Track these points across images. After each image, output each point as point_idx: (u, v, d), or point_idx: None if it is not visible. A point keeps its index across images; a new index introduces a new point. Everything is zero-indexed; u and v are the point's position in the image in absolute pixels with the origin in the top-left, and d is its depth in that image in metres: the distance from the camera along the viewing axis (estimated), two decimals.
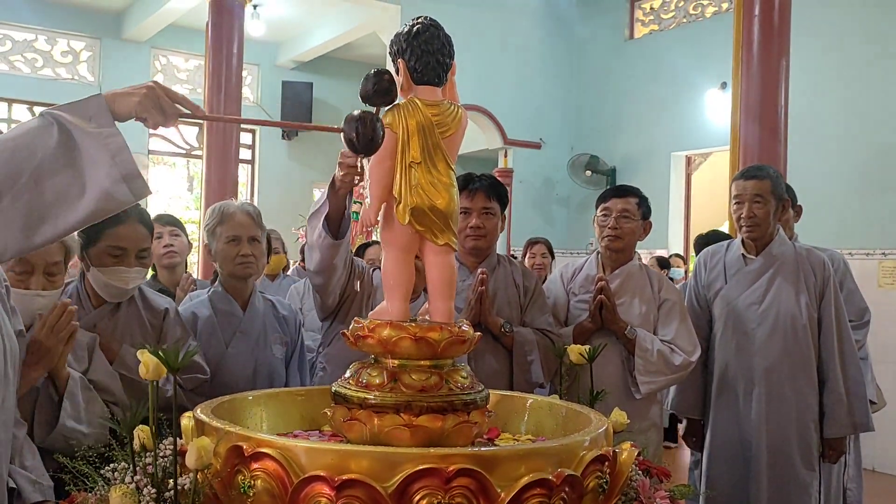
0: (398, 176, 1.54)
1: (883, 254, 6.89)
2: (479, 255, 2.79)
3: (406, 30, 1.58)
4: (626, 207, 2.95)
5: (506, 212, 2.87)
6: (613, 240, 2.95)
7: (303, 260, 5.88)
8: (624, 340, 2.84)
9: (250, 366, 2.52)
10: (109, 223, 2.11)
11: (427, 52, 1.56)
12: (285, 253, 5.58)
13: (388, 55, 1.65)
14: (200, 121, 1.78)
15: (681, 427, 4.90)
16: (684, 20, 9.20)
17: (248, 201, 2.70)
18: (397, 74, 1.60)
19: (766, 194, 3.12)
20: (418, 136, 1.54)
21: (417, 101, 1.56)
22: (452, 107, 1.59)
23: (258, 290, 2.69)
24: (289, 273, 5.81)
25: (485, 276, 2.63)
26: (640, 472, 1.65)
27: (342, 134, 1.48)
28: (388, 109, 1.57)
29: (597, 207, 3.04)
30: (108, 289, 2.20)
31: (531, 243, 5.76)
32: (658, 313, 2.95)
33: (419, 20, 1.59)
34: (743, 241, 3.25)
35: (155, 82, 1.44)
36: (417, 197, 1.53)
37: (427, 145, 1.54)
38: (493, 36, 9.28)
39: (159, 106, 1.42)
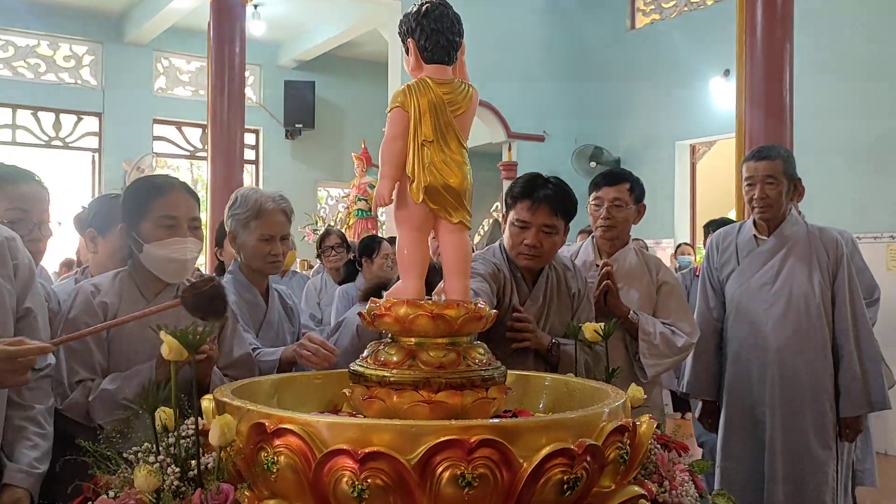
0: (411, 155, 1.54)
1: (891, 237, 6.88)
2: (530, 271, 2.54)
3: (415, 9, 1.59)
4: (618, 196, 2.93)
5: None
6: (607, 230, 2.95)
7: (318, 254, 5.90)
8: (627, 325, 2.83)
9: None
10: (156, 194, 2.08)
11: (436, 30, 1.56)
12: (294, 249, 5.59)
13: (397, 35, 1.66)
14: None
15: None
16: (685, 8, 9.19)
17: (280, 194, 2.64)
18: (407, 55, 1.61)
19: (777, 175, 3.12)
20: (430, 115, 1.54)
21: (428, 80, 1.56)
22: (463, 85, 1.59)
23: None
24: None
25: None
26: (658, 446, 1.65)
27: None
28: (400, 89, 1.57)
29: (589, 194, 3.01)
30: (167, 265, 2.07)
31: None
32: (657, 296, 2.95)
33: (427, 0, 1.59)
34: (755, 221, 3.24)
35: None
36: (431, 175, 1.53)
37: (439, 124, 1.54)
38: (495, 30, 9.28)
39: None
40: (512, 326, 2.40)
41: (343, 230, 8.84)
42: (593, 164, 9.45)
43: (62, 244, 7.74)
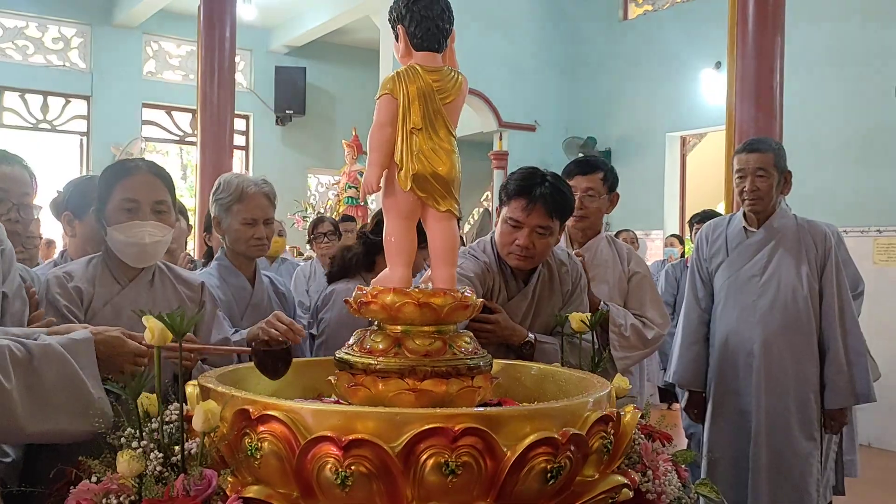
0: (399, 142, 1.53)
1: (878, 231, 6.92)
2: (521, 272, 2.46)
3: None
4: (591, 186, 2.89)
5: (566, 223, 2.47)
6: (579, 220, 2.90)
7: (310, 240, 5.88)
8: None
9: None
10: (119, 176, 2.05)
11: (426, 17, 1.55)
12: (285, 236, 5.59)
13: (385, 23, 1.65)
14: None
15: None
16: (678, 0, 9.18)
17: (263, 178, 2.63)
18: (397, 41, 1.60)
19: (768, 167, 3.13)
20: (419, 103, 1.53)
21: (418, 68, 1.55)
22: (453, 73, 1.58)
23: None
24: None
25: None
26: (642, 435, 1.66)
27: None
28: (389, 76, 1.56)
29: None
30: (127, 249, 2.03)
31: None
32: (628, 286, 2.92)
33: None
34: (745, 213, 3.26)
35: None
36: (419, 163, 1.52)
37: (428, 111, 1.54)
38: (487, 19, 9.26)
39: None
40: (475, 317, 2.35)
41: (333, 217, 8.82)
42: (581, 155, 9.45)
43: (45, 228, 7.70)
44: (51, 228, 7.68)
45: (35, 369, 1.46)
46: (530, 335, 2.40)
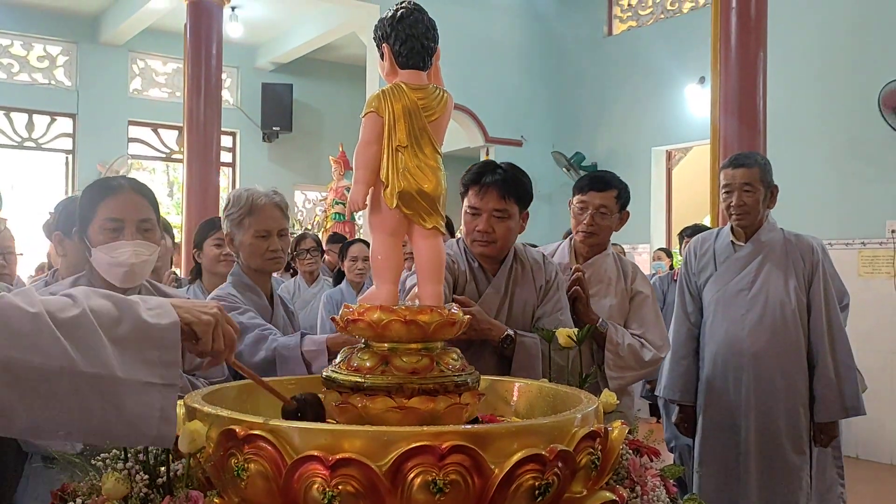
0: (385, 160, 1.54)
1: (862, 243, 6.98)
2: (490, 261, 2.51)
3: (390, 14, 1.59)
4: (604, 203, 2.87)
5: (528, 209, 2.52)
6: (588, 236, 2.91)
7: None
8: (595, 333, 2.74)
9: None
10: (102, 195, 2.02)
11: (411, 36, 1.56)
12: None
13: (372, 40, 1.66)
14: None
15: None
16: (662, 16, 9.27)
17: (274, 189, 2.58)
18: (382, 59, 1.61)
19: (755, 182, 3.15)
20: (404, 120, 1.54)
21: (403, 86, 1.56)
22: (438, 90, 1.59)
23: None
24: None
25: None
26: (630, 451, 1.66)
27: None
28: (375, 94, 1.57)
29: (574, 194, 2.96)
30: (113, 270, 1.99)
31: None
32: (630, 305, 2.91)
33: (403, 4, 1.59)
34: (732, 228, 3.27)
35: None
36: (405, 181, 1.53)
37: (413, 129, 1.54)
38: (473, 34, 9.30)
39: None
40: None
41: (320, 234, 8.82)
42: (564, 169, 9.50)
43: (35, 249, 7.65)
44: (23, 247, 7.66)
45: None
46: (509, 330, 2.38)
